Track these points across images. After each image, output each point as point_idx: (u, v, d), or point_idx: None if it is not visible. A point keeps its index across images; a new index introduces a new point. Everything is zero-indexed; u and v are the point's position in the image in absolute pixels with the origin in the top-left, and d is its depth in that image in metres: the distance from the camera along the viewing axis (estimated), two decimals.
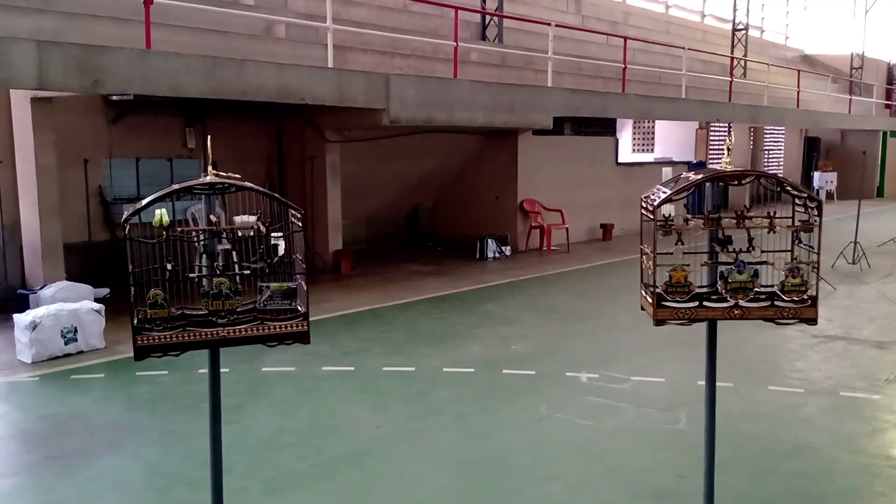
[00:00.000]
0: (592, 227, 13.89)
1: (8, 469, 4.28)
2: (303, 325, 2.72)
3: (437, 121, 9.81)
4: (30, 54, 6.18)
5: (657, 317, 2.74)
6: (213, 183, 2.65)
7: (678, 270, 2.69)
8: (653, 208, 2.68)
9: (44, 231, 7.74)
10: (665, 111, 14.59)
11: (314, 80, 8.33)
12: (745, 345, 6.54)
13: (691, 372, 5.74)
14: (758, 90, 19.12)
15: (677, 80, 15.43)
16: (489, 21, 14.12)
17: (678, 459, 4.32)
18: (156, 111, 8.82)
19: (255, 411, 5.05)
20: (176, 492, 3.94)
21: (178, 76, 7.13)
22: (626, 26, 19.03)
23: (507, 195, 12.38)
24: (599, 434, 4.74)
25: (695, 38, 21.48)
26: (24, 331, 6.04)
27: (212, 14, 8.83)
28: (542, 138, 12.49)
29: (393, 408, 5.20)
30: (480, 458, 4.39)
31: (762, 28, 27.49)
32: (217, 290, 2.59)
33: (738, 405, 5.14)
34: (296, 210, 2.71)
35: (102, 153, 8.70)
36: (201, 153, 9.51)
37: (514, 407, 5.23)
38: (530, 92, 11.34)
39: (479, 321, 7.73)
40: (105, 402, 5.32)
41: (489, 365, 6.10)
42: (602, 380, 5.73)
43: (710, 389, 2.99)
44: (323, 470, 4.20)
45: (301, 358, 5.96)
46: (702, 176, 2.76)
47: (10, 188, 7.95)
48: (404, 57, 11.81)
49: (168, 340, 2.57)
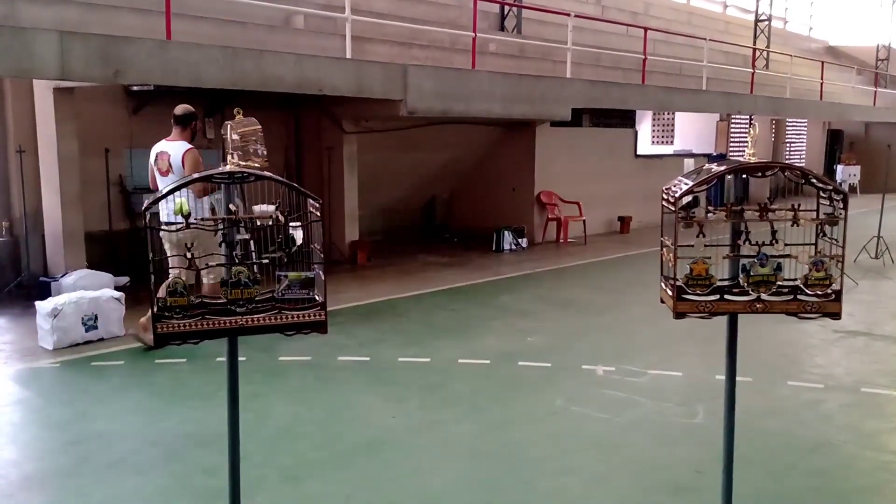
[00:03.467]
0: (610, 219, 13.81)
1: (30, 454, 4.34)
2: (320, 314, 2.72)
3: (454, 112, 9.78)
4: (52, 45, 6.23)
5: (677, 310, 2.71)
6: (232, 172, 2.66)
7: (699, 263, 2.66)
8: (674, 200, 2.65)
9: (65, 220, 7.81)
10: (685, 103, 14.45)
11: (332, 70, 8.33)
12: (765, 339, 6.48)
13: (709, 366, 5.70)
14: (780, 82, 18.89)
15: (698, 72, 15.28)
16: (508, 11, 14.05)
17: (696, 454, 4.30)
18: (175, 101, 8.84)
19: (271, 400, 5.08)
20: (194, 478, 3.98)
21: (197, 67, 7.16)
22: (647, 17, 18.86)
23: (524, 187, 12.33)
24: (616, 427, 4.72)
25: (717, 29, 21.24)
26: (46, 318, 6.11)
27: (231, 5, 8.86)
28: (561, 130, 12.42)
29: (408, 398, 5.21)
30: (496, 450, 4.39)
31: (785, 19, 27.13)
32: (236, 279, 2.60)
33: (758, 400, 5.09)
34: (314, 200, 2.71)
35: (123, 143, 8.76)
36: (220, 143, 9.54)
37: (530, 399, 5.22)
38: (549, 83, 11.28)
39: (495, 313, 7.72)
40: (125, 388, 5.37)
41: (505, 357, 6.09)
42: (619, 373, 5.70)
43: (731, 384, 2.96)
44: (339, 459, 4.22)
45: (317, 347, 5.98)
46: (725, 167, 2.72)
47: (32, 177, 8.03)
48: (422, 48, 11.79)
49: (187, 328, 2.59)
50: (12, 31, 6.24)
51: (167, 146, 6.08)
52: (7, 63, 6.11)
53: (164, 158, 6.04)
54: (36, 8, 7.59)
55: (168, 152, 6.03)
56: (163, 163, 6.05)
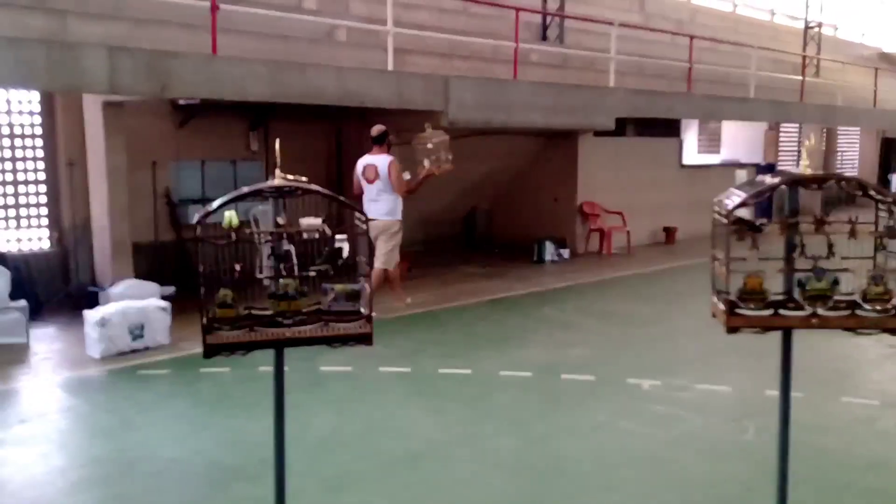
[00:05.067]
0: (655, 230, 13.61)
1: (76, 461, 4.41)
2: (366, 326, 2.71)
3: (495, 123, 9.75)
4: (102, 60, 6.39)
5: (730, 325, 2.63)
6: (280, 186, 2.67)
7: (753, 277, 2.58)
8: (726, 212, 2.58)
9: (113, 231, 7.96)
10: (733, 111, 14.19)
11: (374, 83, 8.38)
12: (816, 353, 6.28)
13: (759, 381, 5.55)
14: (831, 89, 18.45)
15: (746, 80, 14.99)
16: (550, 21, 13.99)
17: (745, 471, 4.18)
18: (220, 115, 9.01)
19: (313, 410, 5.09)
20: (236, 487, 4.00)
21: (242, 81, 7.27)
22: (693, 25, 18.58)
23: (567, 197, 12.21)
24: (662, 443, 4.62)
25: (764, 37, 20.84)
26: (94, 327, 6.24)
27: (275, 19, 8.99)
28: (604, 139, 12.29)
29: (449, 410, 5.17)
30: (538, 464, 4.32)
31: (836, 25, 26.52)
32: (283, 292, 2.61)
33: (810, 417, 4.93)
34: (360, 213, 2.71)
35: (170, 156, 8.93)
36: (264, 156, 9.68)
37: (573, 413, 5.14)
38: (591, 93, 11.18)
39: (537, 325, 7.64)
40: (170, 397, 5.44)
41: (547, 369, 6.02)
42: (665, 387, 5.58)
43: (785, 401, 2.86)
44: (380, 471, 4.20)
45: (358, 358, 5.98)
46: (779, 179, 2.64)
47: (81, 189, 8.23)
48: (464, 59, 11.79)
49: (236, 340, 2.60)
50: (63, 46, 6.42)
51: (372, 159, 7.79)
52: (58, 78, 6.28)
53: (372, 169, 7.73)
54: (86, 24, 7.79)
55: (375, 164, 7.74)
56: (370, 172, 7.73)
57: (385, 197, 7.78)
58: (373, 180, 7.74)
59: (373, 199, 7.78)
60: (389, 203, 7.82)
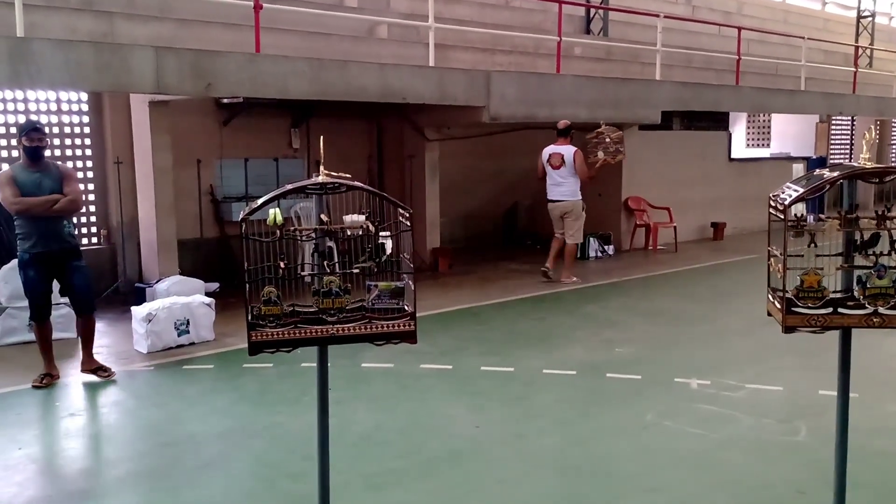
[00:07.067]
0: (703, 225, 13.32)
1: (124, 455, 4.48)
2: (410, 324, 2.69)
3: (538, 117, 9.66)
4: (148, 60, 6.49)
5: (787, 323, 2.53)
6: (324, 183, 2.66)
7: (811, 274, 2.47)
8: (783, 207, 2.48)
9: (160, 228, 8.10)
10: (782, 104, 13.83)
11: (415, 79, 8.37)
12: (872, 352, 6.06)
13: (812, 380, 5.38)
14: (885, 80, 17.86)
15: (796, 72, 14.61)
16: (594, 14, 13.81)
17: (798, 474, 4.04)
18: (263, 113, 9.10)
19: (355, 406, 5.10)
20: (280, 483, 4.01)
21: (285, 79, 7.32)
22: (740, 16, 18.19)
23: (611, 192, 12.01)
24: (711, 444, 4.50)
25: (815, 27, 20.30)
26: (141, 322, 6.34)
27: (317, 17, 9.03)
28: (649, 133, 12.08)
29: (491, 408, 5.13)
30: (583, 464, 4.25)
31: (891, 14, 25.68)
32: (327, 289, 2.60)
33: (866, 418, 4.74)
34: (405, 209, 2.68)
35: (214, 154, 9.04)
36: (305, 153, 9.75)
37: (619, 413, 5.04)
38: (637, 86, 11.00)
39: (581, 322, 7.54)
40: (214, 392, 5.50)
41: (591, 368, 5.92)
42: (714, 387, 5.45)
43: (843, 402, 2.75)
44: (422, 468, 4.18)
45: (399, 355, 5.93)
46: (838, 173, 2.53)
47: (129, 187, 8.39)
48: (506, 53, 11.71)
49: (280, 337, 2.60)
50: (111, 47, 6.54)
51: (558, 149, 9.01)
52: (107, 78, 6.40)
53: (558, 157, 8.96)
54: (133, 25, 7.93)
55: (561, 152, 8.97)
56: (556, 159, 8.98)
57: (570, 181, 9.01)
58: (558, 166, 8.95)
59: (557, 184, 9.06)
60: (572, 185, 9.05)
